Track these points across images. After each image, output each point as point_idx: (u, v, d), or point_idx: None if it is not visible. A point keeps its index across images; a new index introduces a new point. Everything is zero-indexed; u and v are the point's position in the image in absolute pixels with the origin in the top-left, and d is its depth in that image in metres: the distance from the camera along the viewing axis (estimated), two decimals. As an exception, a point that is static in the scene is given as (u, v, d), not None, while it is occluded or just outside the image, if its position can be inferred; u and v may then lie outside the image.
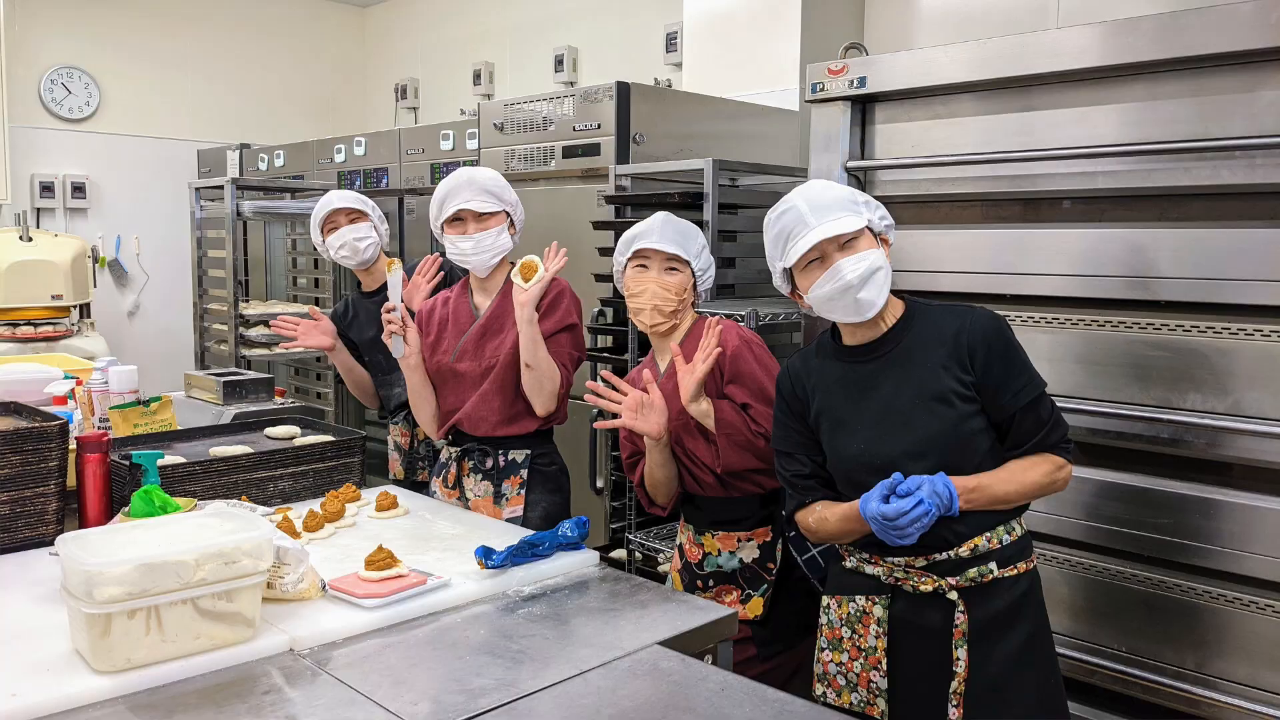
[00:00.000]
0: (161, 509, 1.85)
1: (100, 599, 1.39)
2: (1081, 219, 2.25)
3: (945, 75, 2.33)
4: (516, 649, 1.57)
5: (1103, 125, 2.15)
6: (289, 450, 2.39)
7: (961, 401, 1.74)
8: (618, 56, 5.40)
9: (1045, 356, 2.21)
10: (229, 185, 4.83)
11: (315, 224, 3.05)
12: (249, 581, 1.52)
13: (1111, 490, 2.16)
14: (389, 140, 5.15)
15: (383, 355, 2.96)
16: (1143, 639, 2.14)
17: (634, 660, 1.54)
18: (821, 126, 2.57)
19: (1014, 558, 1.77)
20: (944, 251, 2.42)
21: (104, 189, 6.42)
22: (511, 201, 2.56)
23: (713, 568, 2.25)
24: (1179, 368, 2.07)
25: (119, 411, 2.59)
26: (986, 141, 2.33)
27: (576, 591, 1.83)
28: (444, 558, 1.95)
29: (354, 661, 1.52)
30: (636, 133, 3.55)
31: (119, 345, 6.01)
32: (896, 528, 1.64)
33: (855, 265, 1.74)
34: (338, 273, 5.03)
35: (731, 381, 2.16)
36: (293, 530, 1.98)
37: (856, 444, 1.80)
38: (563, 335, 2.48)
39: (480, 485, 2.54)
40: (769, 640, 2.21)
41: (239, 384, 3.14)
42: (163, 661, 1.45)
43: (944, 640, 1.74)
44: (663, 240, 2.21)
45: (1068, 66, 2.13)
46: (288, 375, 5.58)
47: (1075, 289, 2.20)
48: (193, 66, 6.76)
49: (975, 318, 1.78)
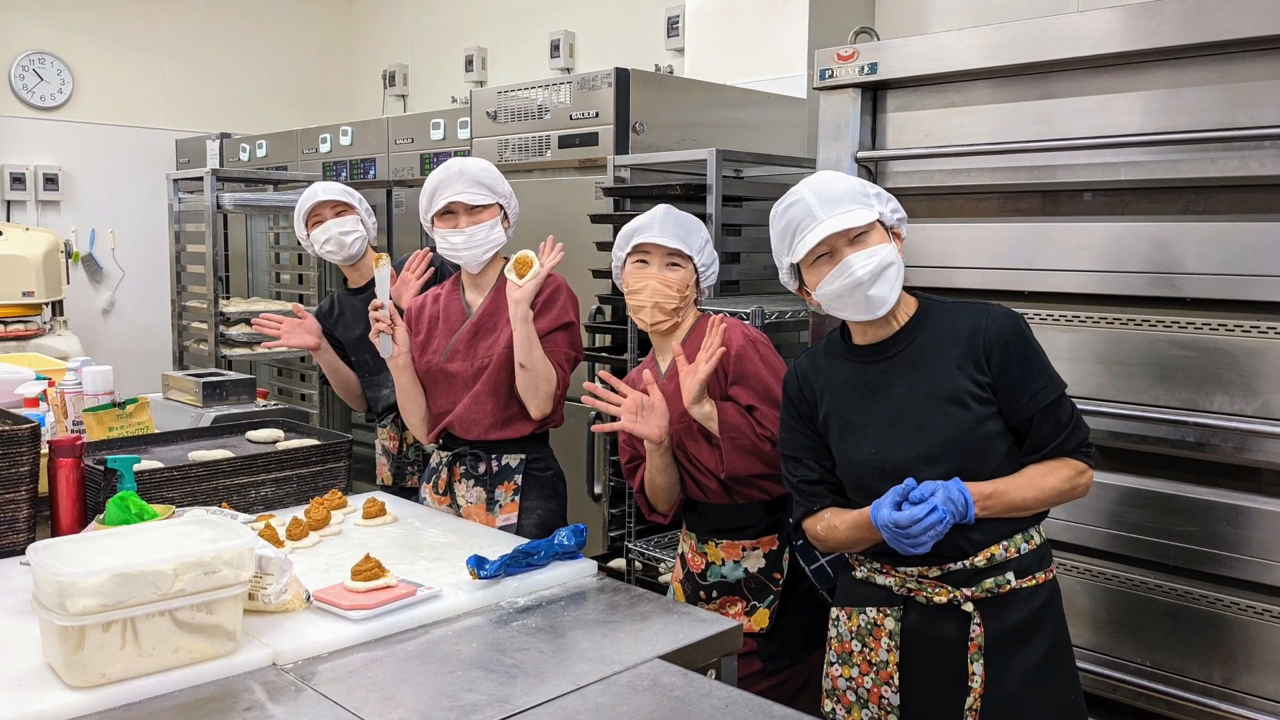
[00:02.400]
0: (138, 516, 1.85)
1: (73, 611, 1.39)
2: (1103, 212, 2.25)
3: (960, 61, 2.33)
4: (510, 663, 1.57)
5: (1125, 113, 2.15)
6: (272, 455, 2.39)
7: (977, 403, 1.74)
8: (617, 41, 5.40)
9: (1065, 356, 2.21)
10: (209, 177, 4.83)
11: (299, 217, 3.05)
12: (230, 592, 1.51)
13: (1135, 496, 2.16)
14: (377, 129, 5.15)
15: (370, 355, 2.97)
16: (1167, 652, 2.14)
17: (633, 675, 1.54)
18: (830, 115, 2.57)
19: (1032, 567, 1.77)
20: (959, 246, 2.42)
21: (78, 181, 6.41)
22: (505, 194, 2.57)
23: (716, 578, 2.25)
24: (1205, 368, 2.07)
25: (93, 414, 2.59)
26: (1003, 131, 2.33)
27: (573, 603, 1.83)
28: (434, 568, 1.95)
29: (340, 676, 1.52)
30: (636, 122, 3.55)
31: (93, 344, 6.00)
32: (909, 536, 1.64)
33: (866, 261, 1.74)
34: (323, 268, 5.03)
35: (736, 383, 2.16)
36: (276, 539, 1.98)
37: (867, 448, 1.80)
38: (559, 334, 2.49)
39: (472, 491, 2.54)
40: (775, 654, 2.21)
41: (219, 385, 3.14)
42: (139, 676, 1.45)
43: (959, 654, 1.74)
44: (664, 234, 2.21)
45: (1089, 52, 2.13)
46: (270, 376, 5.58)
47: (1096, 285, 2.20)
48: (171, 52, 6.75)
49: (992, 315, 1.78)
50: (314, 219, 3.03)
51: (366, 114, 6.74)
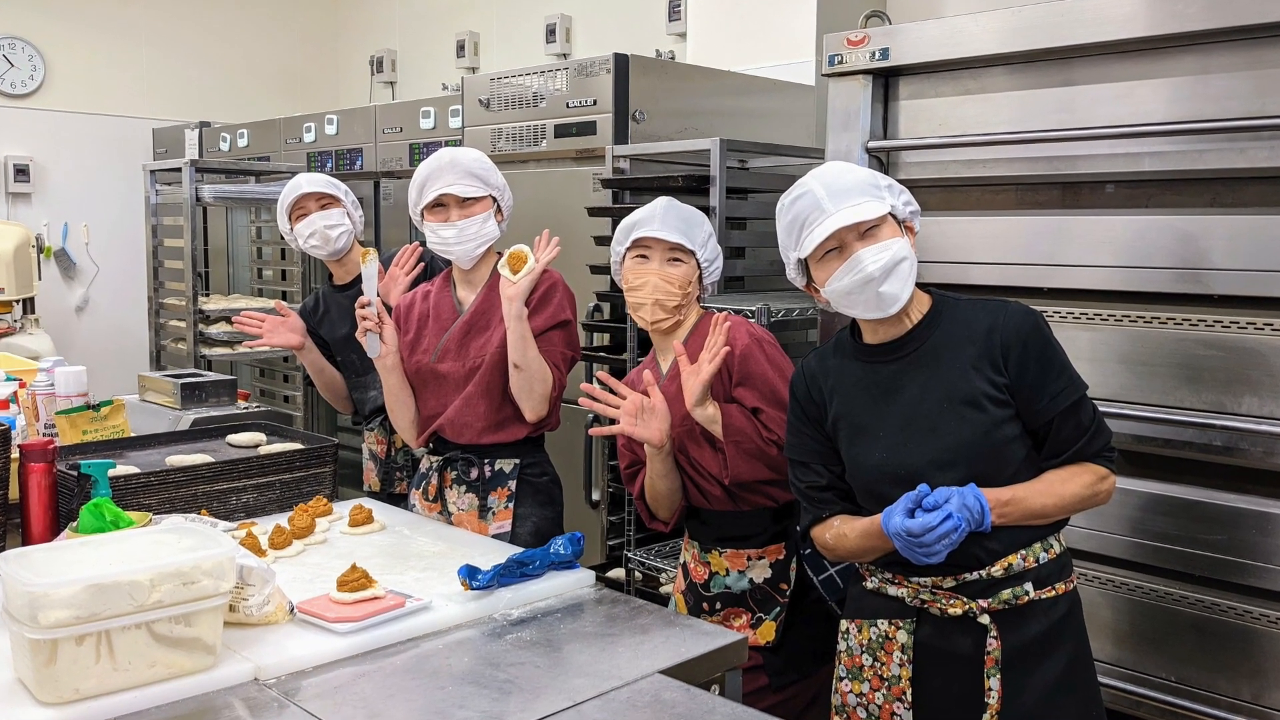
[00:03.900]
0: (113, 524, 1.85)
1: (45, 623, 1.39)
2: (1126, 205, 2.25)
3: (976, 46, 2.33)
4: (504, 678, 1.57)
5: (1150, 101, 2.15)
6: (253, 460, 2.39)
7: (994, 405, 1.74)
8: (616, 25, 5.40)
9: (1086, 356, 2.21)
10: (187, 167, 4.83)
11: (282, 210, 3.06)
12: (209, 604, 1.51)
13: (1159, 503, 2.16)
14: (364, 118, 5.15)
15: (356, 355, 2.97)
16: (1194, 667, 2.14)
17: (633, 691, 1.55)
18: (840, 103, 2.57)
19: (1052, 578, 1.77)
20: (974, 240, 2.43)
21: (50, 172, 6.41)
22: (498, 185, 2.57)
23: (720, 589, 2.25)
24: (1234, 368, 2.07)
25: (66, 417, 2.59)
26: (1021, 119, 2.33)
27: (570, 615, 1.83)
28: (424, 578, 1.96)
29: (325, 692, 1.52)
30: (636, 110, 3.55)
31: (66, 344, 6.01)
32: (922, 545, 1.64)
33: (877, 256, 1.74)
34: (307, 264, 5.03)
35: (741, 384, 2.16)
36: (257, 548, 1.98)
37: (878, 452, 1.81)
38: (555, 333, 2.49)
39: (464, 498, 2.54)
40: (782, 669, 2.21)
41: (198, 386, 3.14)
42: (114, 692, 1.45)
43: (975, 669, 1.74)
44: (665, 228, 2.21)
45: (1111, 36, 2.13)
46: (252, 377, 5.58)
47: (1119, 282, 2.20)
48: (148, 37, 6.75)
49: (1009, 313, 1.78)
50: (298, 212, 3.04)
51: (353, 102, 6.75)
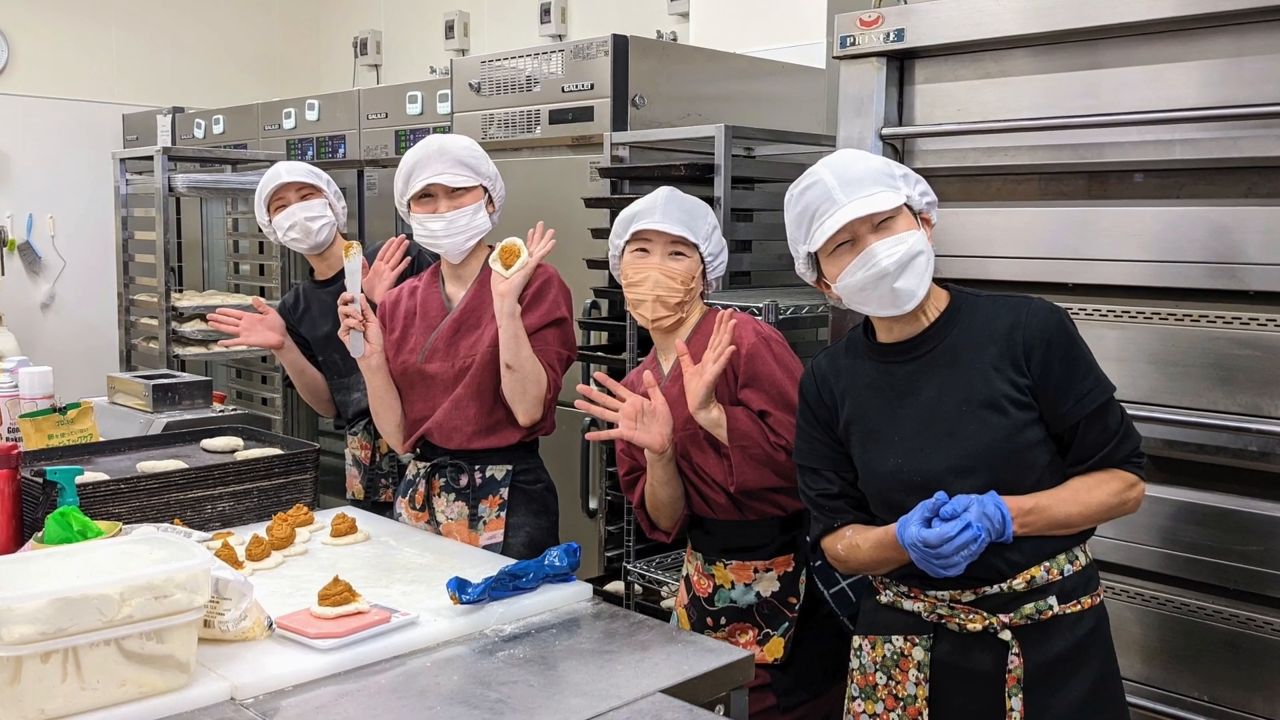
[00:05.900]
0: (80, 534, 1.85)
1: (9, 640, 1.39)
2: (1156, 195, 2.25)
3: (997, 27, 2.33)
4: (496, 698, 1.57)
5: (1181, 85, 2.15)
6: (230, 466, 2.39)
7: (1016, 408, 1.74)
8: (614, 5, 5.40)
9: (1114, 356, 2.21)
10: (159, 156, 4.83)
11: (260, 201, 3.06)
12: (183, 619, 1.52)
13: (1191, 512, 2.16)
14: (347, 103, 5.15)
15: (339, 355, 2.96)
16: (1228, 685, 2.14)
17: (633, 711, 1.55)
18: (852, 87, 2.57)
19: (1077, 591, 1.77)
20: (995, 233, 2.43)
21: (14, 160, 6.42)
22: (489, 174, 2.57)
23: (725, 603, 2.25)
24: (1270, 369, 2.07)
25: (31, 420, 2.59)
26: (1045, 104, 2.33)
27: (566, 631, 1.83)
28: (411, 591, 1.96)
29: (305, 712, 1.52)
30: (636, 94, 3.56)
31: (31, 343, 6.00)
32: (940, 556, 1.64)
33: (891, 249, 1.74)
34: (287, 258, 5.03)
35: (747, 385, 2.16)
36: (234, 559, 1.99)
37: (893, 458, 1.81)
38: (549, 331, 2.49)
39: (453, 506, 2.55)
40: (791, 688, 2.22)
41: (171, 388, 3.14)
42: (82, 713, 1.45)
43: (995, 687, 1.75)
44: (666, 220, 2.21)
45: (1140, 17, 2.13)
46: (228, 378, 5.58)
47: (1149, 277, 2.20)
48: (117, 18, 6.75)
49: (1032, 310, 1.78)
50: (277, 203, 3.03)
51: (335, 86, 6.74)
